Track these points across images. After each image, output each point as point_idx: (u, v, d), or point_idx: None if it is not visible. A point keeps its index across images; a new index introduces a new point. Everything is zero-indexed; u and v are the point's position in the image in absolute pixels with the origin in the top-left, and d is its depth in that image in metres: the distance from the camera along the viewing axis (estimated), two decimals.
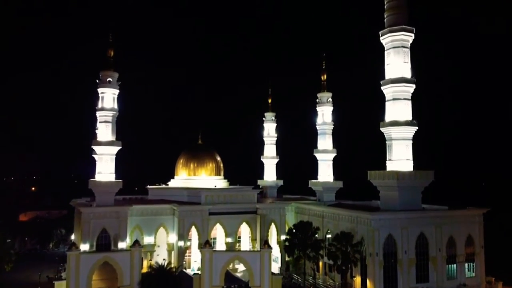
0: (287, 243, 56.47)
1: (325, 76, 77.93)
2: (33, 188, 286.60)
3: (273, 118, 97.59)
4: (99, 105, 62.58)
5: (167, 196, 76.38)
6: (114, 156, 62.58)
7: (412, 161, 56.88)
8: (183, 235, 61.98)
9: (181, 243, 61.85)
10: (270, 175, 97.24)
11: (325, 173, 75.93)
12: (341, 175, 79.31)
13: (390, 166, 56.97)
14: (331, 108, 77.16)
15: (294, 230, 55.92)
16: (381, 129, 58.15)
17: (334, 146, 77.05)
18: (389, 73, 58.00)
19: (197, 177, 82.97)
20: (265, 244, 49.27)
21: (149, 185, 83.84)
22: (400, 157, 56.38)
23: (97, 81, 62.95)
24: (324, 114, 76.77)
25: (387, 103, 58.24)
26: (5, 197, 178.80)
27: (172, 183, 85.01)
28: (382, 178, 56.47)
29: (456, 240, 55.75)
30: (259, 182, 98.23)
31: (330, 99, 77.23)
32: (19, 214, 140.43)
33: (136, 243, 51.78)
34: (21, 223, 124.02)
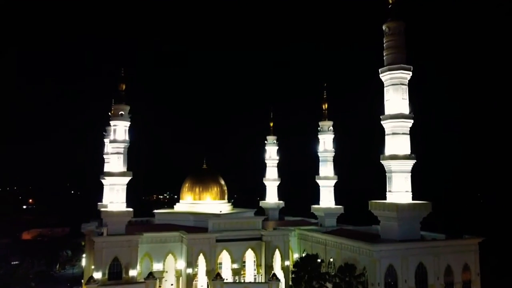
0: (293, 276, 58.87)
1: (326, 105, 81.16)
2: (30, 200, 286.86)
3: (275, 141, 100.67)
4: (112, 137, 65.17)
5: (173, 220, 78.90)
6: (125, 186, 65.05)
7: (411, 193, 59.76)
8: (191, 262, 64.24)
9: (189, 270, 64.11)
10: (272, 196, 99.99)
11: (327, 198, 78.77)
12: (341, 200, 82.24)
13: (390, 197, 59.81)
14: (332, 136, 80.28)
15: (300, 263, 58.40)
16: (381, 161, 61.12)
17: (335, 173, 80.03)
18: (389, 109, 61.13)
19: (202, 201, 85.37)
20: (273, 276, 51.60)
21: (156, 209, 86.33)
22: (399, 188, 59.28)
23: (109, 113, 65.67)
24: (326, 142, 79.83)
25: (386, 137, 61.27)
26: (4, 211, 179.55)
27: (178, 207, 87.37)
28: (382, 209, 59.27)
29: (453, 268, 58.43)
30: (261, 203, 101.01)
31: (331, 128, 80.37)
32: (22, 232, 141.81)
33: (150, 275, 54.00)
34: (25, 242, 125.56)
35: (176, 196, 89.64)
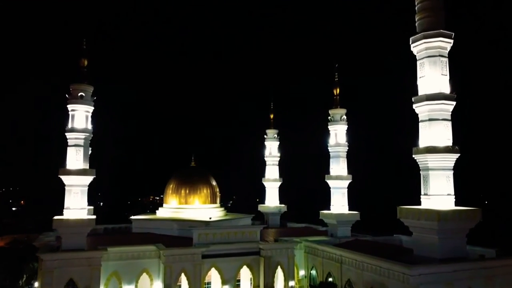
0: None
1: (338, 90, 67.49)
2: (22, 202, 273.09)
3: (275, 135, 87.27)
4: (69, 125, 51.54)
5: (154, 228, 65.38)
6: (86, 188, 51.44)
7: (453, 197, 46.10)
8: (170, 284, 50.53)
9: None
10: (272, 199, 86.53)
11: (339, 203, 65.01)
12: (356, 204, 68.61)
13: (427, 203, 46.06)
14: (345, 127, 66.61)
15: None
16: (414, 156, 47.41)
17: (349, 171, 66.30)
18: (424, 88, 47.39)
19: (189, 205, 71.77)
20: None
21: (133, 215, 72.76)
22: (439, 191, 45.55)
23: (66, 96, 52.03)
24: (338, 134, 66.11)
25: (421, 125, 47.56)
26: None
27: (160, 213, 73.68)
28: (417, 218, 45.36)
29: None
30: (260, 207, 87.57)
31: (344, 117, 66.68)
32: None
33: None
34: None
35: None
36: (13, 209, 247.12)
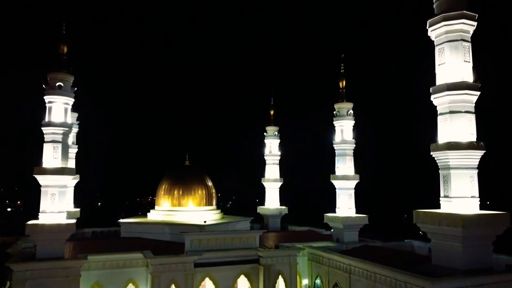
0: None
1: (344, 83, 62.10)
2: (18, 202, 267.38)
3: (276, 133, 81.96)
4: (46, 119, 46.16)
5: (144, 232, 60.28)
6: (66, 189, 46.13)
7: (478, 199, 40.77)
8: None
9: None
10: (272, 201, 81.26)
11: (346, 205, 59.59)
12: (362, 206, 63.17)
13: (448, 206, 40.72)
14: (352, 123, 61.20)
15: None
16: (432, 153, 42.05)
17: (356, 171, 60.89)
18: (444, 77, 42.04)
19: (183, 208, 66.52)
20: None
21: (122, 218, 67.53)
22: (462, 193, 40.20)
23: (43, 86, 46.69)
24: (344, 130, 60.67)
25: (440, 118, 42.22)
26: None
27: (151, 216, 68.39)
28: (436, 223, 39.99)
29: None
30: (260, 209, 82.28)
31: (351, 111, 61.27)
32: None
33: None
34: None
35: None
36: (8, 209, 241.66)
